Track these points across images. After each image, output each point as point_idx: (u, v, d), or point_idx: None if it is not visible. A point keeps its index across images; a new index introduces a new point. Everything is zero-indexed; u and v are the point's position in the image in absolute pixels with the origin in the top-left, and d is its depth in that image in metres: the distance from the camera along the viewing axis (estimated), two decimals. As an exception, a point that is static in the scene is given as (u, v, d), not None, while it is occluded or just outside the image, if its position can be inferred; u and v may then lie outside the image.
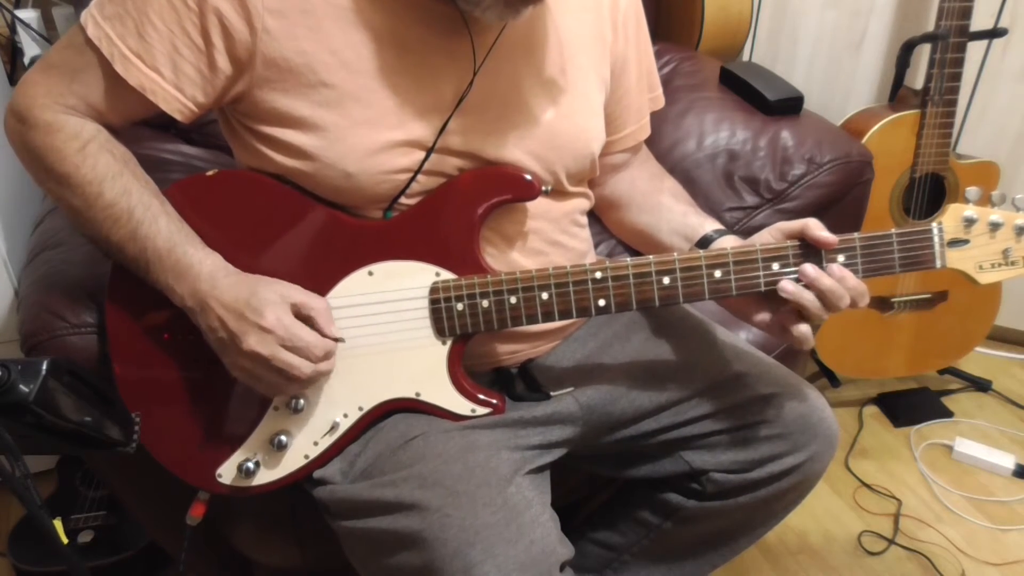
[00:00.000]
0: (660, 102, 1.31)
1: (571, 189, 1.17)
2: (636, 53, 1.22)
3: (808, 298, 1.02)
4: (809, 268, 1.02)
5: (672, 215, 1.23)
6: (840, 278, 1.02)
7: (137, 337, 1.06)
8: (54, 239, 1.34)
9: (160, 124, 1.67)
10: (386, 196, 1.05)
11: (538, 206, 1.13)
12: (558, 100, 1.10)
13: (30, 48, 1.93)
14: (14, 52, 1.96)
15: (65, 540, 0.93)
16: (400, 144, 1.03)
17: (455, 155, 1.06)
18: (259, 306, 0.97)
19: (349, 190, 1.03)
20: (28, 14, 1.93)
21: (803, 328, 1.03)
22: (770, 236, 1.06)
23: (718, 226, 1.18)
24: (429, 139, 1.04)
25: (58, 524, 0.92)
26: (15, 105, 1.00)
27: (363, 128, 1.01)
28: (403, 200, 1.06)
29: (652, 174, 1.32)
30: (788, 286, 1.03)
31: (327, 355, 1.01)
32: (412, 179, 1.04)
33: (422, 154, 1.04)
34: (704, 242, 1.16)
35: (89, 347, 1.13)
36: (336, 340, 1.02)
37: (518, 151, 1.08)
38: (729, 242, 1.13)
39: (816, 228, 1.03)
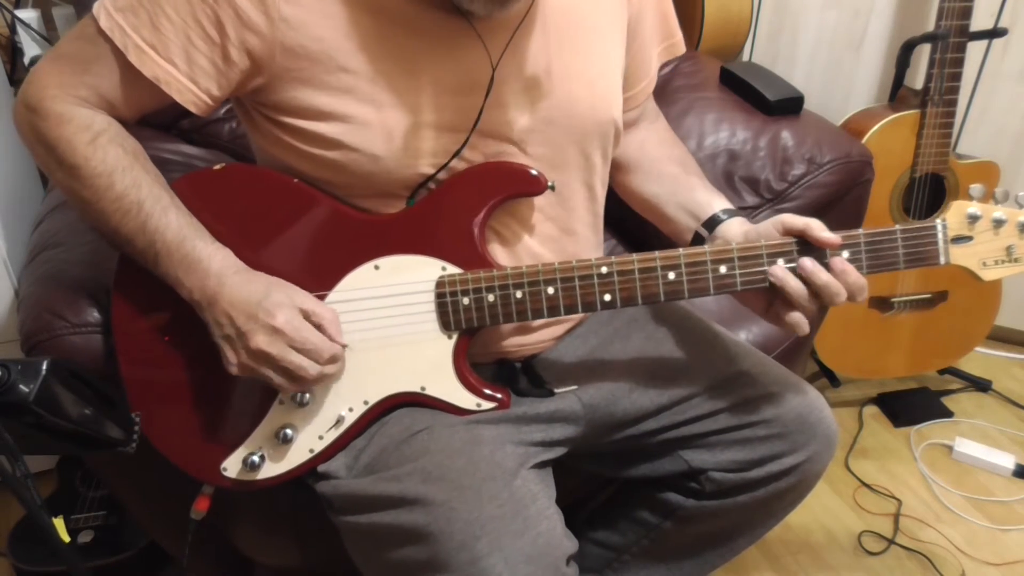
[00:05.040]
0: (680, 48, 1.27)
1: (600, 165, 1.16)
2: (653, 2, 1.20)
3: (792, 285, 1.02)
4: (807, 262, 1.02)
5: (679, 187, 1.22)
6: (841, 272, 1.02)
7: (143, 330, 1.06)
8: (54, 239, 1.34)
9: (160, 124, 1.67)
10: (414, 181, 1.05)
11: (560, 193, 1.12)
12: (583, 72, 1.09)
13: (30, 48, 1.93)
14: (14, 52, 1.96)
15: (67, 539, 0.92)
16: (428, 125, 1.03)
17: (485, 137, 1.06)
18: (270, 307, 0.97)
19: (378, 174, 1.03)
20: (28, 14, 1.93)
21: (794, 315, 1.04)
22: (772, 227, 1.06)
23: (726, 205, 1.17)
24: (457, 121, 1.03)
25: (59, 523, 0.92)
26: (26, 95, 1.00)
27: (387, 111, 1.01)
28: (431, 185, 1.06)
29: (662, 139, 1.31)
30: (777, 271, 1.03)
31: (333, 359, 1.01)
32: (446, 164, 1.04)
33: (451, 136, 1.04)
34: (712, 222, 1.15)
35: (90, 347, 1.13)
36: (343, 347, 1.03)
37: (546, 125, 1.08)
38: (736, 225, 1.13)
39: (819, 230, 1.02)
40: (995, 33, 1.95)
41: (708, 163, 1.71)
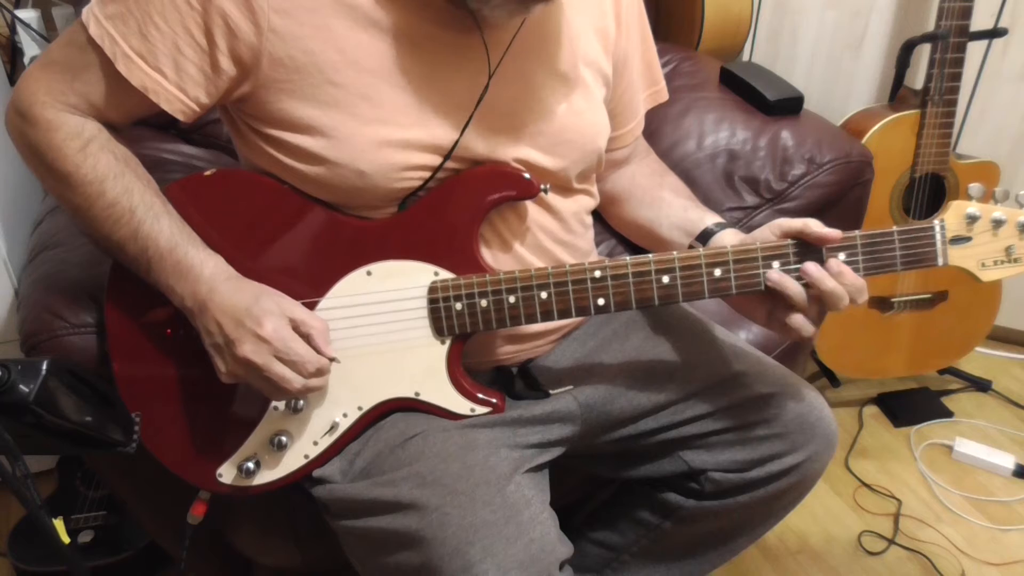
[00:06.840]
0: (663, 95, 1.31)
1: (577, 186, 1.17)
2: (639, 48, 1.22)
3: (791, 287, 1.02)
4: (810, 266, 1.02)
5: (672, 209, 1.23)
6: (837, 274, 1.02)
7: (137, 336, 1.06)
8: (54, 239, 1.34)
9: (160, 124, 1.67)
10: (402, 193, 1.05)
11: (549, 204, 1.13)
12: (568, 97, 1.10)
13: (30, 48, 1.92)
14: (14, 52, 1.97)
15: (67, 539, 0.92)
16: (414, 142, 1.02)
17: (470, 153, 1.06)
18: (259, 315, 0.97)
19: (365, 189, 1.03)
20: (28, 14, 1.93)
21: (796, 318, 1.03)
22: (770, 232, 1.06)
23: (718, 219, 1.18)
24: (443, 138, 1.03)
25: (59, 523, 0.92)
26: (16, 101, 1.00)
27: (374, 126, 1.00)
28: (420, 194, 1.06)
29: (652, 170, 1.33)
30: (773, 275, 1.03)
31: (319, 372, 1.01)
32: (430, 178, 1.04)
33: (437, 152, 1.04)
34: (704, 236, 1.15)
35: (89, 347, 1.13)
36: (331, 360, 1.02)
37: (532, 150, 1.08)
38: (729, 236, 1.13)
39: (817, 227, 1.02)
40: (995, 33, 1.94)
41: (708, 163, 1.71)
